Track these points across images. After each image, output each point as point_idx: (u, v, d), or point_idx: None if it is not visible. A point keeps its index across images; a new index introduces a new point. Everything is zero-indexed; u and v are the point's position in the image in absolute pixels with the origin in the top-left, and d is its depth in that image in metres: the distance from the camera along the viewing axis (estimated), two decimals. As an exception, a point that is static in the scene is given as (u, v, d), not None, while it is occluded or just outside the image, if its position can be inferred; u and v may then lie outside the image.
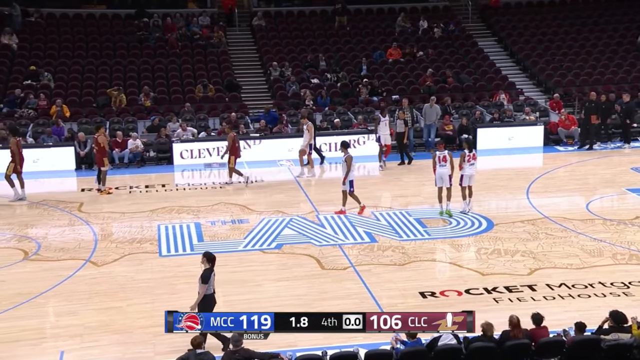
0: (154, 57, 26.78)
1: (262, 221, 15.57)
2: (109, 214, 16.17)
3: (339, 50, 28.37)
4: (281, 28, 29.65)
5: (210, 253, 10.03)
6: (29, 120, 22.54)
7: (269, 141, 21.86)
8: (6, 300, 11.36)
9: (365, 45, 28.75)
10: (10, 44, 26.20)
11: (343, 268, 12.93)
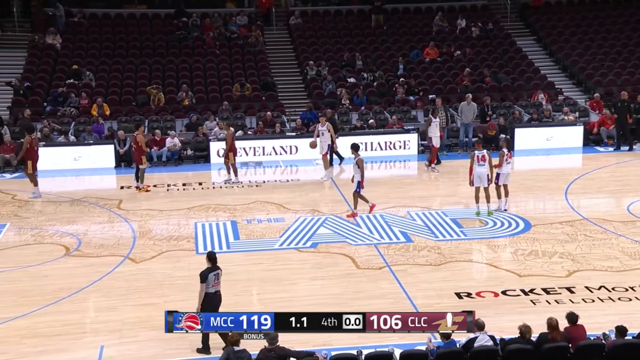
0: (193, 57, 27.04)
1: (297, 220, 15.61)
2: (147, 211, 16.38)
3: (375, 49, 28.29)
4: (318, 27, 29.68)
5: (212, 252, 10.00)
6: (71, 118, 22.94)
7: (305, 140, 21.88)
8: (49, 294, 11.59)
9: (402, 45, 28.62)
10: (54, 44, 26.71)
11: (378, 268, 12.89)
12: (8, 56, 26.79)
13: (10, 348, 9.79)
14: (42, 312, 10.97)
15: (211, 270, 9.72)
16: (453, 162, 20.67)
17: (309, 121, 23.10)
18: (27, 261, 13.17)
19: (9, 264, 13.04)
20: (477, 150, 15.68)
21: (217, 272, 9.74)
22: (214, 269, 9.75)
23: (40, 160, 19.25)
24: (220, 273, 9.77)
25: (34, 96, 24.16)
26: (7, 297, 11.51)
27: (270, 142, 21.86)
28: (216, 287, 9.69)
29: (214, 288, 9.65)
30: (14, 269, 12.82)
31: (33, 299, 11.41)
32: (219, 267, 9.83)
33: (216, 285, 9.70)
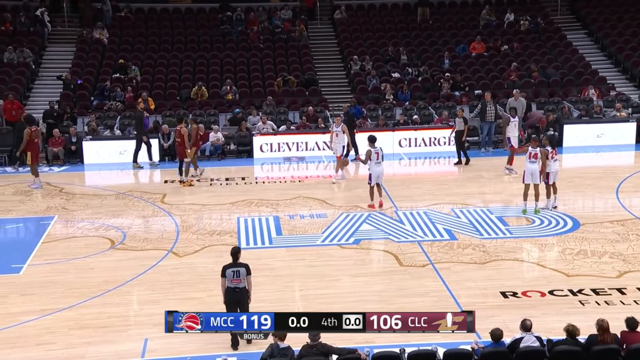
0: (236, 51, 27.25)
1: (340, 216, 15.62)
2: (190, 205, 16.58)
3: (420, 43, 28.10)
4: (362, 21, 29.60)
5: (235, 248, 10.11)
6: (117, 112, 23.35)
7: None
8: (95, 287, 11.84)
9: (447, 39, 28.37)
10: (101, 39, 27.22)
11: (422, 265, 12.84)
12: (58, 51, 27.42)
13: (59, 338, 10.04)
14: (89, 304, 11.22)
15: (230, 267, 9.84)
16: (499, 159, 20.39)
17: (353, 116, 23.03)
18: (74, 253, 13.48)
19: (57, 256, 13.36)
20: (532, 147, 15.47)
21: (238, 270, 9.82)
22: (234, 266, 9.85)
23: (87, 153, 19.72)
24: (241, 271, 9.82)
25: (82, 90, 24.66)
26: (55, 289, 11.80)
27: (313, 137, 21.91)
28: (236, 283, 9.77)
29: (233, 284, 9.77)
30: (62, 260, 13.14)
31: (80, 291, 11.67)
32: (242, 264, 9.91)
33: (236, 281, 9.77)
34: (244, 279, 9.83)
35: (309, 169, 20.53)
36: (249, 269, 9.97)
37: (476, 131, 22.68)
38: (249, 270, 9.96)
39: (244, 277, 9.83)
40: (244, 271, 9.87)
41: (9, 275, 12.41)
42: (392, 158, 21.10)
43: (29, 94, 25.27)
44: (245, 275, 9.85)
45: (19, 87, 24.46)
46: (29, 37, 26.90)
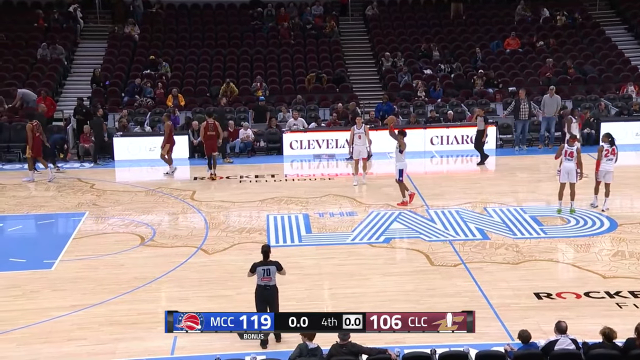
0: (267, 47, 27.33)
1: (370, 214, 15.59)
2: (219, 202, 16.68)
3: (453, 40, 27.90)
4: (394, 17, 29.47)
5: (265, 246, 10.16)
6: (147, 109, 23.57)
7: (379, 133, 21.79)
8: (125, 283, 11.98)
9: (481, 35, 28.12)
10: (132, 35, 27.52)
11: (453, 265, 12.76)
12: (90, 47, 27.77)
13: (90, 334, 10.19)
14: (119, 300, 11.36)
15: (261, 265, 9.89)
16: (533, 157, 20.19)
17: (384, 113, 22.99)
18: (104, 250, 13.65)
19: (88, 252, 13.55)
20: (568, 145, 15.26)
21: (268, 268, 9.87)
22: (264, 264, 9.90)
23: (117, 150, 19.89)
24: (272, 269, 9.86)
25: (113, 87, 24.95)
26: (86, 285, 11.97)
27: (344, 135, 21.84)
28: (266, 281, 9.84)
29: (263, 282, 9.84)
30: (92, 257, 13.32)
31: (110, 287, 11.82)
32: (273, 262, 9.95)
33: (266, 279, 9.84)
34: (274, 277, 9.87)
35: (339, 167, 20.52)
36: (280, 266, 10.01)
37: (509, 129, 22.47)
38: (280, 267, 10.00)
39: (274, 275, 9.88)
40: (274, 269, 9.92)
41: (41, 271, 12.63)
42: (423, 156, 21.01)
43: (61, 90, 25.65)
44: (275, 274, 9.89)
45: (52, 84, 24.84)
46: (62, 34, 27.29)
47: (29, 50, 26.31)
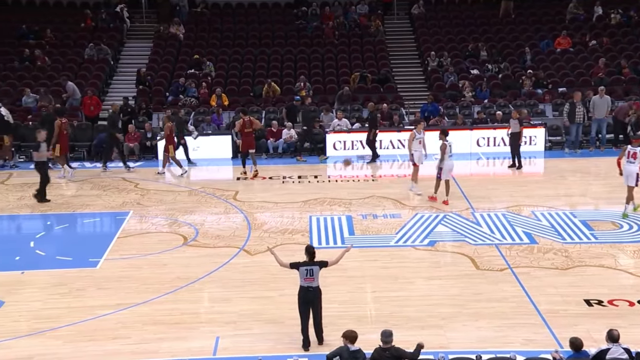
0: (311, 46, 27.42)
1: (415, 216, 15.52)
2: (262, 203, 16.79)
3: (501, 39, 27.58)
4: (441, 16, 29.29)
5: (310, 246, 10.19)
6: (191, 108, 23.85)
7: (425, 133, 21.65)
8: (168, 283, 12.15)
9: (531, 34, 27.74)
10: (177, 34, 27.90)
11: (499, 269, 12.62)
12: (136, 46, 28.25)
13: (133, 333, 10.36)
14: (162, 299, 11.53)
15: (305, 265, 9.88)
16: (584, 160, 19.85)
17: (430, 114, 22.89)
18: (148, 249, 13.87)
19: (132, 251, 13.79)
20: (631, 146, 14.94)
21: (312, 268, 9.84)
22: (308, 264, 9.88)
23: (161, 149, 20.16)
24: (315, 270, 9.83)
25: (157, 86, 25.32)
26: (130, 284, 12.18)
27: (388, 135, 21.83)
28: (309, 282, 9.80)
29: (306, 283, 9.81)
30: (136, 256, 13.55)
31: (153, 287, 12.01)
32: (316, 262, 9.93)
33: (309, 280, 9.80)
34: (317, 278, 9.86)
35: (382, 168, 20.47)
36: (323, 263, 9.97)
37: (558, 131, 22.14)
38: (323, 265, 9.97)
39: (317, 276, 9.86)
40: (317, 270, 9.89)
41: (87, 269, 12.89)
42: (469, 157, 20.84)
43: (107, 89, 26.14)
44: (318, 274, 9.87)
45: (98, 83, 25.34)
46: (109, 33, 27.82)
47: (76, 50, 26.89)
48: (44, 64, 25.93)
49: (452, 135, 20.93)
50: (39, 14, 28.79)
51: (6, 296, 11.62)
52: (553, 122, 22.49)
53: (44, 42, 27.07)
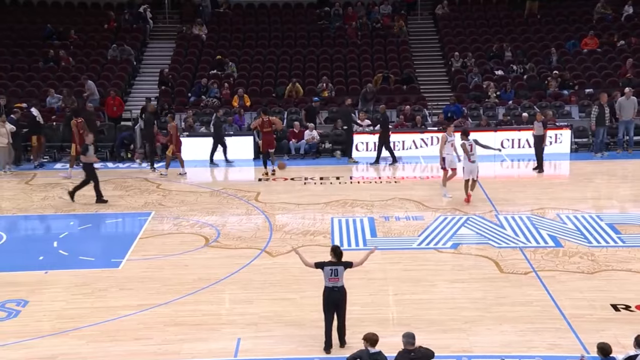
0: (333, 47, 27.43)
1: (437, 219, 15.47)
2: (284, 204, 16.83)
3: (527, 39, 27.40)
4: (465, 16, 29.16)
5: (336, 246, 10.19)
6: (213, 109, 23.96)
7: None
8: (189, 284, 12.23)
9: (557, 34, 27.52)
10: (200, 35, 28.07)
11: (524, 273, 12.53)
12: (159, 47, 28.47)
13: (155, 334, 10.44)
14: (183, 300, 11.60)
15: (329, 264, 9.88)
16: (611, 162, 19.65)
17: (452, 115, 22.81)
18: (169, 250, 13.96)
19: (154, 252, 13.89)
20: None
21: (337, 268, 9.82)
22: (333, 264, 9.87)
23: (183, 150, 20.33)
24: (339, 270, 9.82)
25: (179, 87, 25.49)
26: (152, 284, 12.27)
27: (410, 137, 21.78)
28: (334, 282, 9.79)
29: (331, 283, 9.79)
30: (158, 256, 13.65)
31: (174, 288, 12.09)
32: (342, 262, 9.92)
33: (334, 280, 9.79)
34: (342, 278, 9.84)
35: (405, 170, 20.42)
36: (348, 264, 9.98)
37: (585, 132, 21.94)
38: (348, 265, 9.97)
39: (342, 276, 9.84)
40: (342, 269, 9.87)
41: (109, 269, 13.01)
42: (493, 159, 20.70)
43: (129, 90, 26.37)
44: (343, 275, 9.85)
45: (121, 84, 25.56)
46: (132, 34, 28.06)
47: (100, 51, 27.15)
48: (68, 65, 26.22)
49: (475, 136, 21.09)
50: (63, 15, 29.13)
51: (30, 296, 11.77)
52: (579, 124, 22.29)
53: (69, 42, 27.37)
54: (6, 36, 27.61)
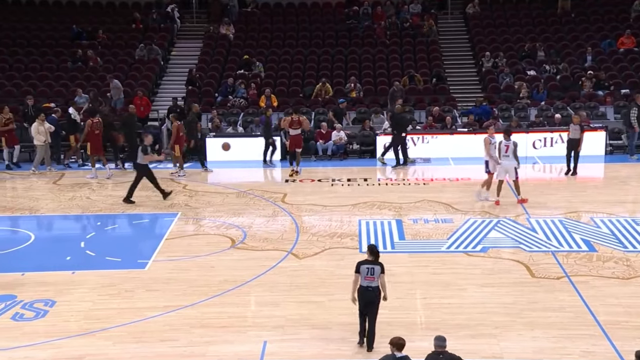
0: (362, 47, 27.42)
1: (467, 221, 15.38)
2: (311, 206, 16.85)
3: (560, 39, 27.13)
4: (496, 15, 28.96)
5: (371, 245, 10.26)
6: (240, 109, 24.10)
7: (477, 136, 21.45)
8: (215, 286, 12.29)
9: (592, 34, 27.22)
10: (227, 34, 28.23)
11: (556, 277, 12.40)
12: (186, 47, 28.71)
13: (181, 336, 10.51)
14: (209, 302, 11.67)
15: (365, 263, 9.90)
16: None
17: (479, 117, 22.66)
18: (195, 251, 14.06)
19: (180, 253, 13.99)
20: None
21: (373, 267, 9.85)
22: (369, 263, 9.91)
23: (210, 150, 20.46)
24: (376, 269, 9.85)
25: (206, 87, 25.65)
26: (178, 286, 12.36)
27: (440, 138, 21.68)
28: (369, 281, 9.80)
29: (366, 282, 9.81)
30: (184, 258, 13.74)
31: (200, 289, 12.16)
32: (378, 262, 9.96)
33: (369, 279, 9.80)
34: (377, 278, 9.86)
35: (434, 172, 20.32)
36: (384, 268, 9.98)
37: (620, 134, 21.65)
38: (383, 269, 9.97)
39: (377, 275, 9.86)
40: (379, 270, 9.88)
41: (135, 270, 13.13)
42: (525, 162, 20.51)
43: (157, 90, 26.60)
44: (379, 274, 9.89)
45: (149, 84, 25.81)
46: (159, 34, 28.32)
47: (127, 51, 27.44)
48: (95, 65, 26.53)
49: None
50: (92, 15, 29.50)
51: (58, 296, 11.92)
52: (614, 125, 22.01)
53: (96, 42, 27.69)
54: (35, 36, 28.04)
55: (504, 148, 16.18)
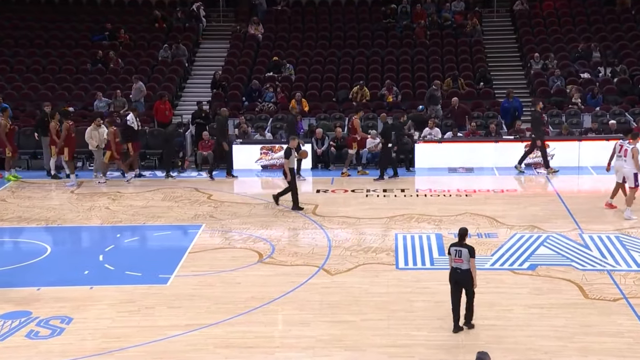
0: (400, 47, 27.41)
1: (513, 237, 15.26)
2: (343, 218, 16.85)
3: (618, 38, 26.86)
4: (547, 13, 28.78)
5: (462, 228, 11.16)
6: (268, 114, 24.17)
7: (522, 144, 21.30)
8: (241, 303, 12.34)
9: (653, 32, 26.92)
10: (256, 34, 28.41)
11: (613, 299, 12.23)
12: (212, 47, 28.99)
13: (205, 356, 10.57)
14: (235, 321, 11.71)
15: (454, 245, 10.96)
16: None
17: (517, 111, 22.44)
18: (220, 266, 14.13)
19: (204, 268, 14.08)
20: None
21: (461, 250, 10.84)
22: (458, 245, 10.92)
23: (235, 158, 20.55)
24: (464, 252, 10.79)
25: (233, 90, 25.80)
26: (202, 303, 12.43)
27: (483, 146, 21.55)
28: (458, 263, 10.86)
29: (455, 264, 10.90)
30: (209, 273, 13.82)
31: (225, 307, 12.22)
32: (467, 245, 10.86)
33: (458, 261, 10.86)
34: (466, 260, 10.77)
35: (477, 182, 20.19)
36: (473, 252, 10.84)
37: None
38: (473, 254, 10.81)
39: (466, 258, 10.78)
40: (467, 252, 10.79)
41: (156, 286, 13.23)
42: (577, 172, 20.35)
43: (180, 93, 26.83)
44: (468, 258, 10.78)
45: (172, 87, 26.04)
46: (184, 34, 28.61)
47: (150, 52, 27.77)
48: (117, 67, 26.84)
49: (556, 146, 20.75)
50: (113, 14, 29.93)
51: (75, 312, 12.06)
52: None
53: (118, 43, 28.03)
54: (53, 36, 28.53)
55: (618, 148, 16.48)
